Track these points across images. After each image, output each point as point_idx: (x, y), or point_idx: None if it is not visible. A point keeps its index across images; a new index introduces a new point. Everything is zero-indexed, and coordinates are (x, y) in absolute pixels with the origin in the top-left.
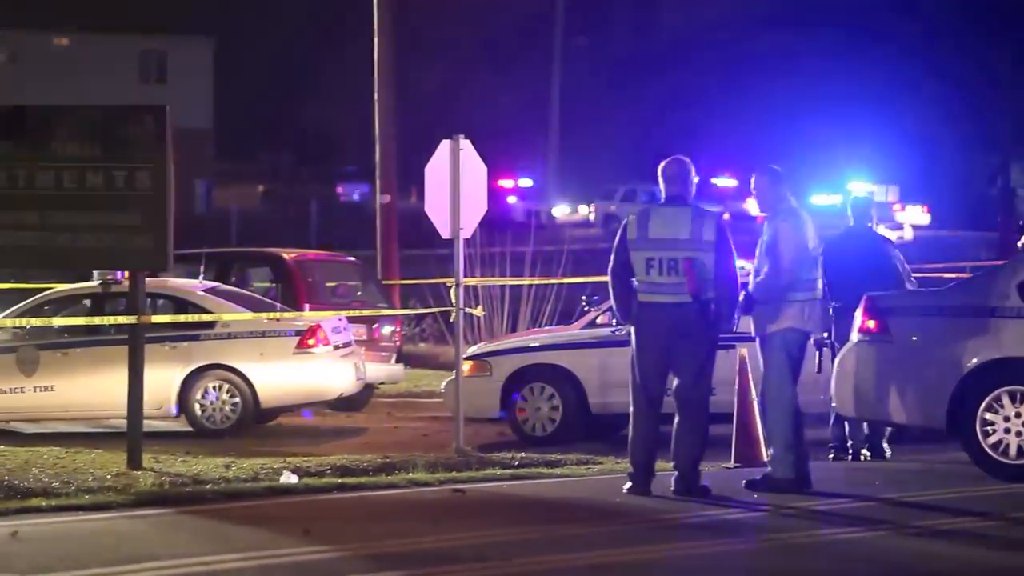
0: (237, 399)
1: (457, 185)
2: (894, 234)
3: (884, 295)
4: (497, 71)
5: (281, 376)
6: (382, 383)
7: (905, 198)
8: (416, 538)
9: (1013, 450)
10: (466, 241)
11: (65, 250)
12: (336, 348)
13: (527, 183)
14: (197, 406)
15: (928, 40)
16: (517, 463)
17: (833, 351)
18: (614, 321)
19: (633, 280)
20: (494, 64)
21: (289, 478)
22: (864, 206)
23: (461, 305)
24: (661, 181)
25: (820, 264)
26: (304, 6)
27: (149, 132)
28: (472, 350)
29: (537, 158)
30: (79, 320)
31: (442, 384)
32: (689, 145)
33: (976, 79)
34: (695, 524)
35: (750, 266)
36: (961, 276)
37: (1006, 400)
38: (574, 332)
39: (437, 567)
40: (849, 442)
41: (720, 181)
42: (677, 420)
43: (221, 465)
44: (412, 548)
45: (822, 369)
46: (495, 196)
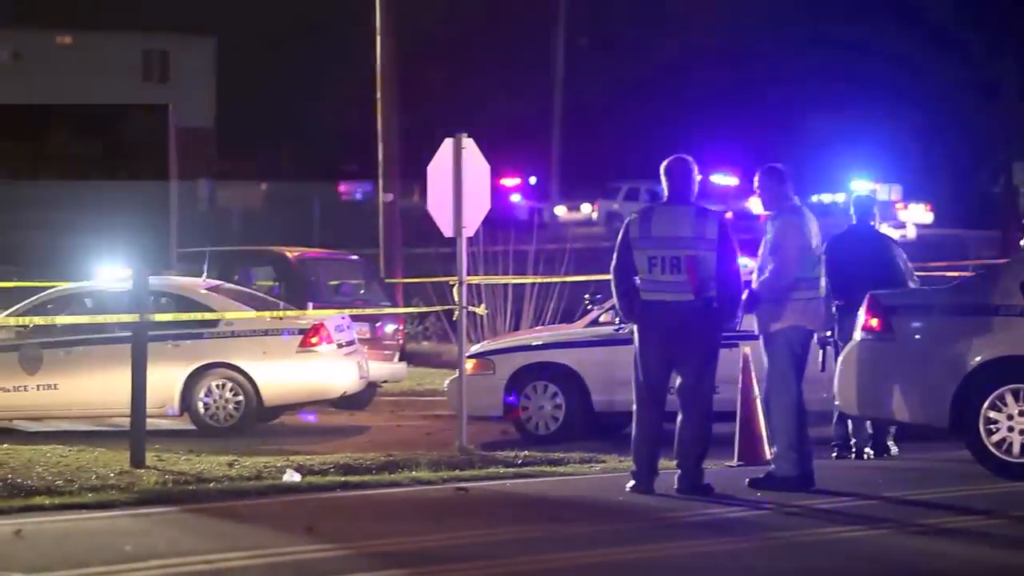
0: (240, 397)
1: (460, 183)
2: (897, 232)
3: (887, 293)
4: (500, 69)
5: (284, 374)
6: (385, 381)
7: (908, 196)
8: (419, 536)
9: (1016, 448)
10: (469, 239)
11: (68, 249)
12: (339, 346)
13: (530, 181)
14: (200, 404)
15: (931, 38)
16: (520, 461)
17: (836, 349)
18: (617, 319)
19: (636, 278)
20: (497, 62)
21: (292, 476)
22: (866, 204)
23: (464, 303)
24: (663, 180)
25: (823, 262)
26: (306, 5)
27: (152, 131)
28: (475, 348)
29: (540, 156)
30: (82, 318)
31: (445, 382)
32: (691, 143)
33: (979, 77)
34: (698, 523)
35: (752, 264)
36: (964, 275)
37: (1009, 398)
38: (577, 330)
39: (440, 566)
40: (852, 440)
41: (721, 179)
42: (680, 418)
43: (224, 463)
44: (415, 547)
45: (825, 367)
46: (498, 194)
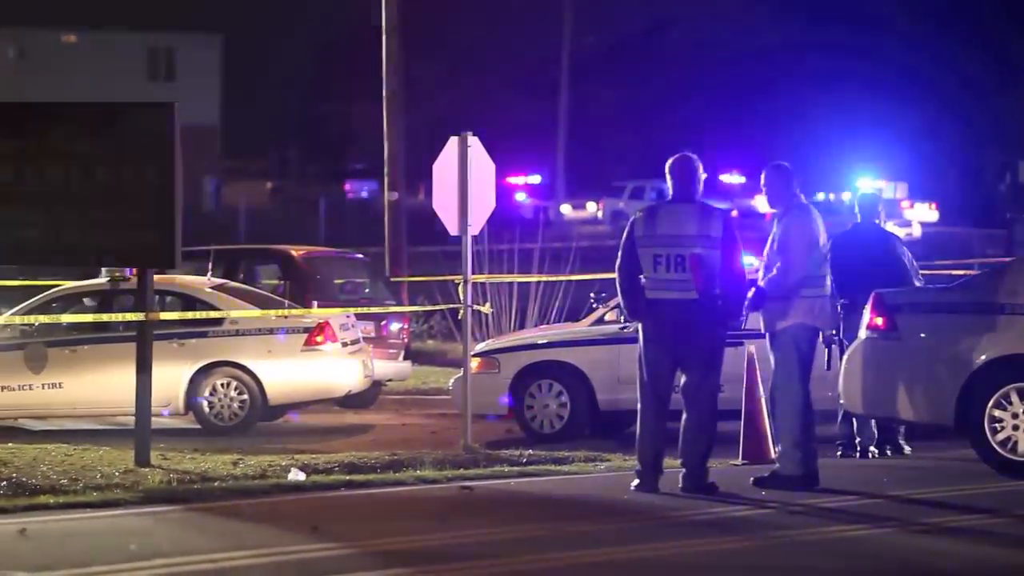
0: (245, 396)
1: (465, 182)
2: (903, 231)
3: (892, 292)
4: (506, 68)
5: (289, 373)
6: (390, 380)
7: (914, 195)
8: (424, 535)
9: (1021, 447)
10: (474, 238)
11: (73, 247)
12: (344, 345)
13: (533, 180)
14: (205, 403)
15: (937, 36)
16: (525, 460)
17: (841, 348)
18: (622, 318)
19: (641, 277)
20: (503, 61)
21: (297, 475)
22: (871, 203)
23: (469, 302)
24: (668, 178)
25: (828, 261)
26: (313, 3)
27: (157, 129)
28: (480, 347)
29: (546, 155)
30: (87, 317)
31: (450, 381)
32: (697, 142)
33: (985, 75)
34: (703, 521)
35: (758, 262)
36: (969, 273)
37: (1015, 397)
38: (582, 329)
39: (445, 564)
40: (857, 439)
41: (727, 177)
42: (685, 417)
43: (229, 462)
44: (420, 545)
45: (831, 366)
46: (503, 193)
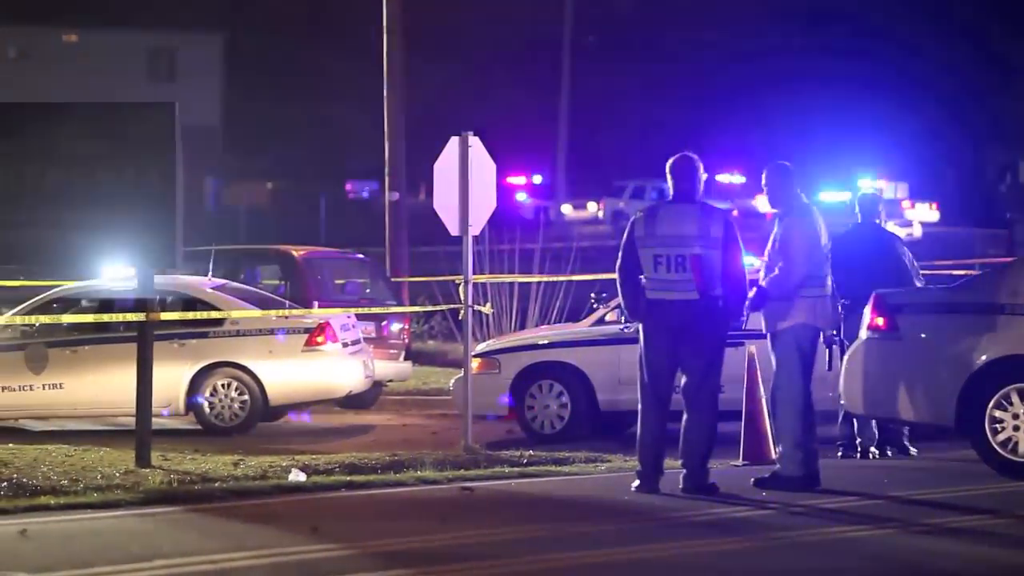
0: (246, 397)
1: (466, 182)
2: (903, 231)
3: (893, 292)
4: (507, 68)
5: (290, 374)
6: (390, 381)
7: (914, 195)
8: (424, 536)
9: (1022, 447)
10: (475, 238)
11: (74, 247)
12: (345, 345)
13: (534, 180)
14: (206, 404)
15: (937, 36)
16: (526, 461)
17: (842, 348)
18: (623, 318)
19: (641, 277)
20: (504, 61)
21: (297, 476)
22: (871, 203)
23: (470, 302)
24: (669, 178)
25: (829, 261)
26: (314, 3)
27: (158, 129)
28: (481, 347)
29: (546, 155)
30: (88, 318)
31: (451, 382)
32: (698, 142)
33: (986, 75)
34: (703, 522)
35: (758, 263)
36: (970, 273)
37: (1015, 397)
38: (583, 329)
39: (445, 565)
40: (858, 440)
41: (726, 177)
42: (685, 418)
43: (230, 463)
44: (420, 546)
45: (832, 367)
46: (504, 193)
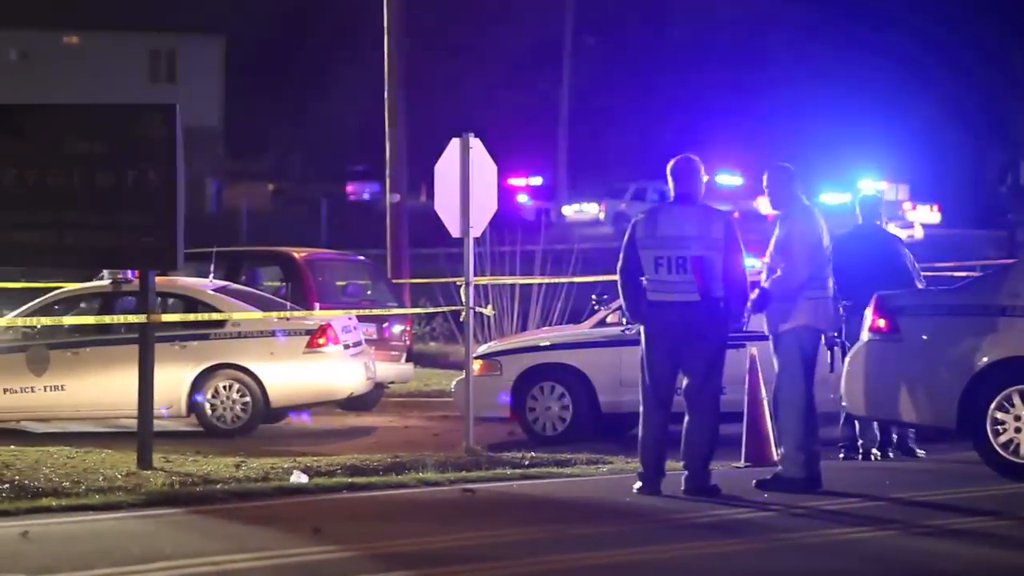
0: (247, 398)
1: (467, 184)
2: (904, 233)
3: (894, 294)
4: (508, 69)
5: (291, 375)
6: (392, 382)
7: (915, 197)
8: (426, 538)
9: (1023, 449)
10: (476, 240)
11: (75, 249)
12: (346, 347)
13: (533, 182)
14: (207, 406)
15: (939, 37)
16: (527, 463)
17: (843, 350)
18: (624, 320)
19: (642, 279)
20: (505, 62)
21: (299, 478)
22: (872, 204)
23: (471, 304)
24: (670, 180)
25: (831, 262)
26: (315, 4)
27: (159, 131)
28: (482, 349)
29: (547, 156)
30: (89, 319)
31: (452, 383)
32: (699, 143)
33: (987, 77)
34: (705, 524)
35: (759, 264)
36: (971, 275)
37: (1016, 399)
38: (584, 331)
39: (447, 567)
40: (859, 441)
41: (728, 179)
42: (687, 419)
43: (231, 465)
44: (422, 548)
45: (834, 368)
46: (505, 195)
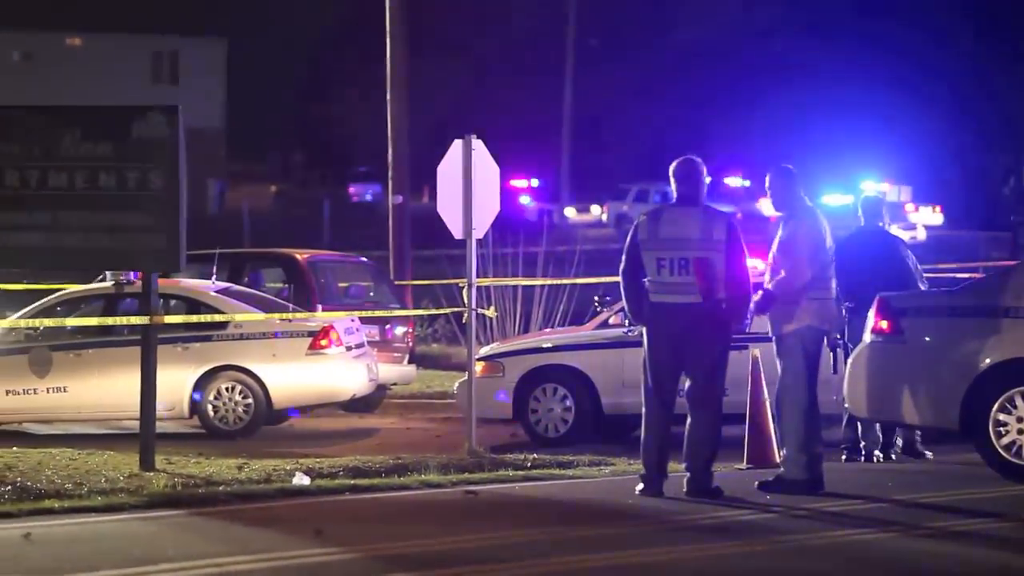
0: (250, 400)
1: (469, 185)
2: (907, 234)
3: (897, 295)
4: (510, 71)
5: (294, 377)
6: (394, 384)
7: (918, 198)
8: (428, 540)
9: None
10: (478, 241)
11: (78, 251)
12: (349, 349)
13: (532, 183)
14: (210, 407)
15: (941, 39)
16: (529, 464)
17: (846, 351)
18: (627, 322)
19: (645, 280)
20: (507, 64)
21: (301, 479)
22: (875, 206)
23: (473, 306)
24: (672, 181)
25: (834, 263)
26: (317, 6)
27: (161, 133)
28: (485, 351)
29: (550, 158)
30: (92, 321)
31: (454, 385)
32: (701, 145)
33: (990, 78)
34: (707, 526)
35: (762, 266)
36: (974, 276)
37: (1019, 401)
38: (587, 333)
39: (449, 569)
40: (862, 443)
41: (730, 181)
42: (689, 421)
43: (234, 466)
44: (424, 550)
45: (836, 370)
46: (507, 196)
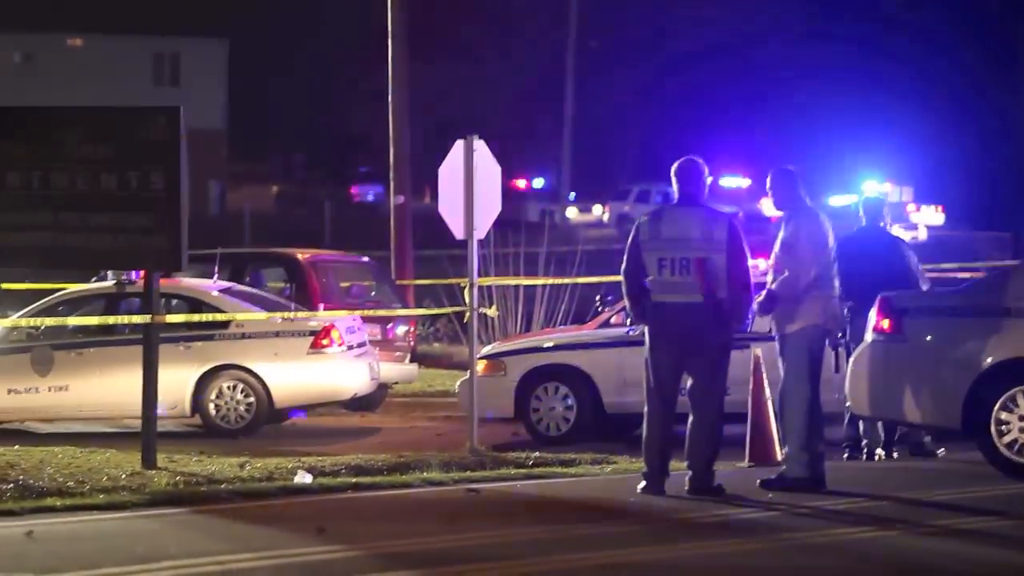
0: (251, 399)
1: (471, 185)
2: (908, 234)
3: (899, 295)
4: (512, 71)
5: (295, 376)
6: (396, 383)
7: (919, 198)
8: (430, 538)
9: None
10: (480, 241)
11: (80, 251)
12: (350, 348)
13: (535, 184)
14: (212, 406)
15: (943, 38)
16: (531, 463)
17: (848, 351)
18: (628, 321)
19: (646, 280)
20: (509, 64)
21: (303, 478)
22: (876, 206)
23: (475, 305)
24: (674, 181)
25: (836, 262)
26: (318, 7)
27: (163, 134)
28: (486, 350)
29: (551, 158)
30: (93, 320)
31: (456, 384)
32: (703, 145)
33: (992, 78)
34: (709, 524)
35: (764, 266)
36: (975, 276)
37: (1021, 399)
38: (588, 332)
39: (451, 567)
40: (863, 441)
41: (733, 181)
42: (691, 420)
43: (235, 465)
44: (426, 548)
45: (839, 369)
46: (509, 196)
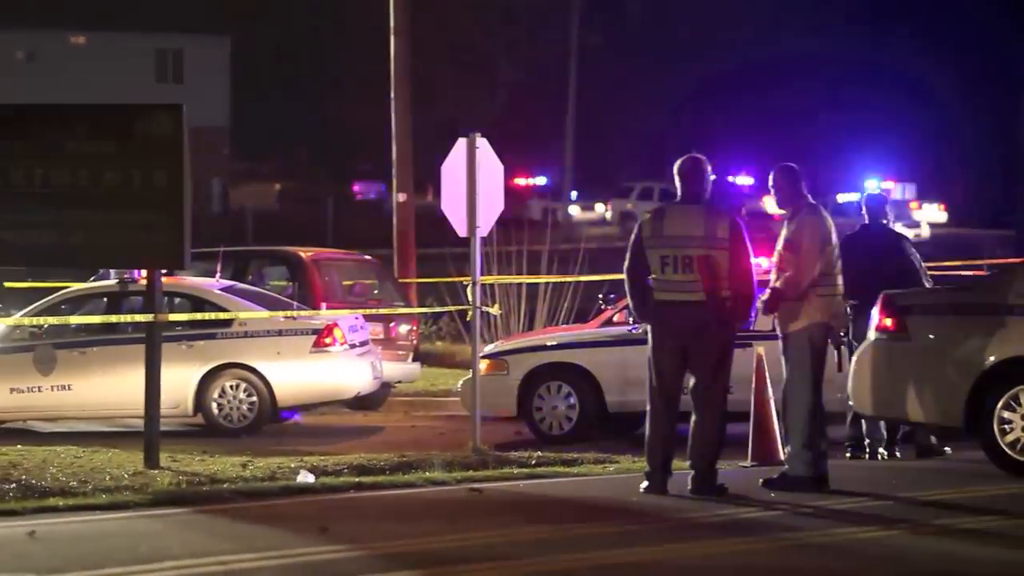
0: (254, 398)
1: (474, 183)
2: (911, 232)
3: (901, 293)
4: (514, 69)
5: (298, 375)
6: (399, 382)
7: (922, 196)
8: (433, 537)
9: None
10: (482, 239)
11: (82, 249)
12: (353, 347)
13: (539, 182)
14: (214, 405)
15: (946, 37)
16: (534, 462)
17: (851, 349)
18: (631, 319)
19: (649, 278)
20: (511, 62)
21: (306, 477)
22: (878, 204)
23: (478, 304)
24: (677, 179)
25: (839, 260)
26: (320, 4)
27: (165, 131)
28: (489, 349)
29: (554, 156)
30: (96, 319)
31: (459, 383)
32: (706, 143)
33: (993, 76)
34: (712, 523)
35: (766, 264)
36: (978, 274)
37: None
38: (591, 331)
39: (453, 566)
40: (866, 441)
41: (736, 178)
42: (694, 419)
43: (238, 464)
44: (429, 547)
45: (842, 368)
46: (511, 194)
